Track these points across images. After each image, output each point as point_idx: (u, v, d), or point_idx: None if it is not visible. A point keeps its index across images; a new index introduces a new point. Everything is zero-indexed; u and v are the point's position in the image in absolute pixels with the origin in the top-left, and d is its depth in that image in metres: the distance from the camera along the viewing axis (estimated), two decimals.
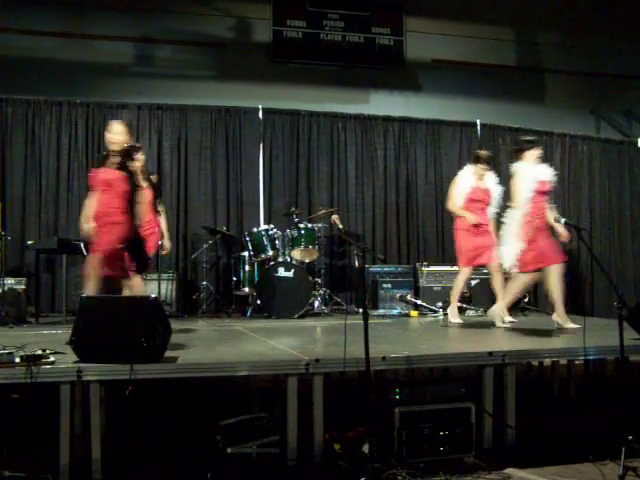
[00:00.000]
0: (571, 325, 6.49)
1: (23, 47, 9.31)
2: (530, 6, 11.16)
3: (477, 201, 7.30)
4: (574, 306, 10.23)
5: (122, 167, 5.82)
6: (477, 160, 7.41)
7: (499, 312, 6.72)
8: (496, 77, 11.09)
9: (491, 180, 7.49)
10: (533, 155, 6.69)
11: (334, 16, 10.55)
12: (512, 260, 6.54)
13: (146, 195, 6.97)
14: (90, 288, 5.55)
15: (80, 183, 8.96)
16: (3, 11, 9.20)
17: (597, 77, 11.43)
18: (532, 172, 6.61)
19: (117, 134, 5.80)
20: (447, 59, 10.91)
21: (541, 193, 6.60)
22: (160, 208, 7.52)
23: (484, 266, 7.42)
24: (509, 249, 6.58)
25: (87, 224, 5.72)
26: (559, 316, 6.62)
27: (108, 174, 5.78)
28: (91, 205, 5.80)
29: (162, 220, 7.25)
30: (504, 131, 10.73)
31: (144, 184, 6.94)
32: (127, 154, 5.87)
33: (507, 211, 6.73)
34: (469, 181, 7.32)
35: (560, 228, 6.53)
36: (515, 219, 6.55)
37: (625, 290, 10.39)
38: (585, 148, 10.87)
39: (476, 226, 7.22)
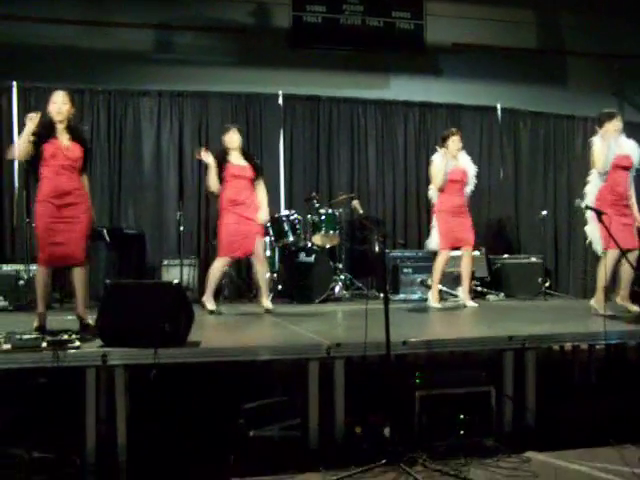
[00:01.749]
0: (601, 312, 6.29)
1: (44, 35, 9.35)
2: None
3: (456, 182, 7.31)
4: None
5: (79, 140, 5.50)
6: (446, 140, 7.40)
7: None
8: (517, 60, 10.97)
9: (465, 159, 7.49)
10: (611, 127, 6.44)
11: (354, 0, 10.48)
12: (598, 240, 6.35)
13: (247, 172, 7.03)
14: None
15: (102, 170, 9.06)
16: (23, 0, 9.27)
17: (620, 59, 11.29)
18: (611, 144, 6.35)
19: (64, 104, 5.45)
20: (467, 43, 10.80)
21: (619, 167, 6.35)
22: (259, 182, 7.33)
23: (459, 248, 7.42)
24: (593, 229, 6.38)
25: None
26: (596, 302, 6.43)
27: (75, 150, 5.43)
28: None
29: (262, 192, 7.17)
30: (525, 115, 10.68)
31: (244, 162, 7.05)
32: (77, 127, 5.64)
33: (586, 187, 6.54)
34: (447, 162, 7.28)
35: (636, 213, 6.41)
36: (592, 194, 6.35)
37: None
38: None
39: (456, 207, 7.25)
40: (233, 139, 7.06)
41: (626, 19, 11.10)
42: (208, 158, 6.95)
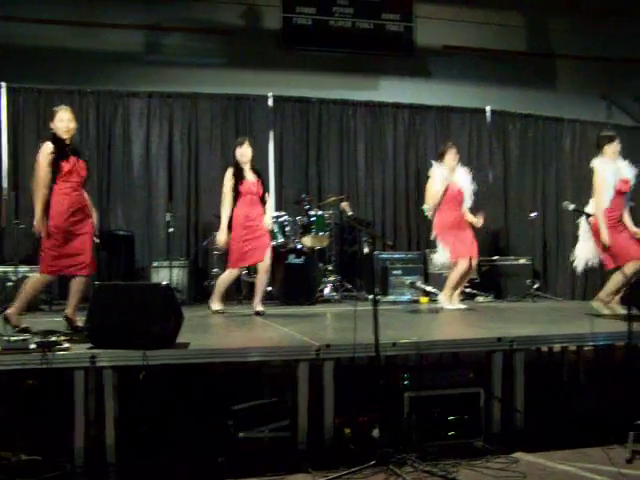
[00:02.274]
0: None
1: (34, 36, 9.32)
2: None
3: (454, 198, 7.31)
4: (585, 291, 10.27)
5: (82, 156, 5.66)
6: (443, 155, 7.40)
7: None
8: (506, 63, 11.02)
9: (461, 173, 7.46)
10: (611, 150, 6.57)
11: (344, 2, 10.50)
12: (584, 259, 6.51)
13: (258, 188, 7.04)
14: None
15: (91, 172, 9.01)
16: (14, 0, 9.24)
17: (608, 62, 11.35)
18: (612, 169, 6.48)
19: (70, 121, 5.53)
20: (457, 45, 10.85)
21: (620, 193, 6.49)
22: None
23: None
24: (584, 248, 6.51)
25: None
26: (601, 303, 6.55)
27: (84, 167, 5.61)
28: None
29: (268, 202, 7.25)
30: (514, 117, 10.71)
31: (255, 178, 7.05)
32: (76, 143, 5.78)
33: (586, 207, 6.57)
34: (445, 178, 7.28)
35: (631, 228, 6.54)
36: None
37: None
38: (596, 134, 10.81)
39: (456, 221, 7.26)
40: (246, 153, 7.04)
41: (614, 22, 11.17)
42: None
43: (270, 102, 9.81)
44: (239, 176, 6.97)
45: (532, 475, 4.05)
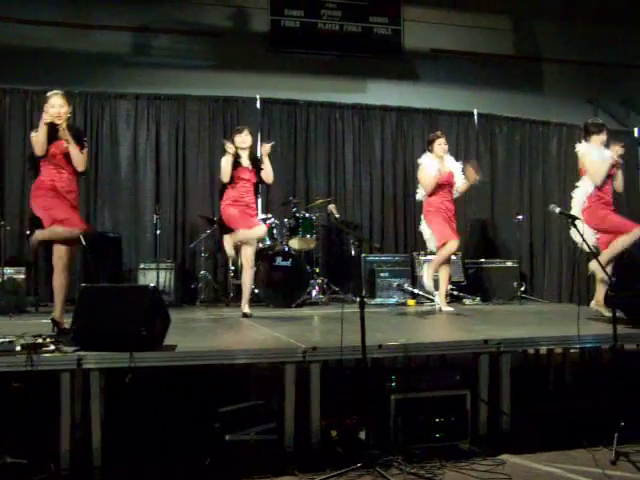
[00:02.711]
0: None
1: (21, 36, 9.28)
2: None
3: (444, 185, 7.36)
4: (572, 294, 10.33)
5: (80, 144, 5.56)
6: (432, 143, 7.47)
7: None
8: (494, 66, 11.06)
9: (450, 161, 7.53)
10: (599, 140, 6.63)
11: (332, 5, 10.52)
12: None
13: (253, 177, 7.01)
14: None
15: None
16: (0, 0, 9.19)
17: (595, 66, 11.41)
18: (599, 153, 6.56)
19: (61, 107, 5.43)
20: (445, 49, 10.87)
21: (609, 176, 6.57)
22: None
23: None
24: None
25: None
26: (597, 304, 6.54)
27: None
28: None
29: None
30: (501, 121, 10.76)
31: (252, 166, 7.01)
32: (76, 128, 5.71)
33: (574, 191, 6.69)
34: (434, 166, 7.34)
35: None
36: (580, 202, 6.52)
37: None
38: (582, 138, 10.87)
39: (446, 211, 7.30)
40: (246, 140, 7.04)
41: (602, 26, 11.23)
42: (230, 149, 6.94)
43: (258, 104, 9.82)
44: (235, 162, 6.93)
45: (518, 477, 4.06)
